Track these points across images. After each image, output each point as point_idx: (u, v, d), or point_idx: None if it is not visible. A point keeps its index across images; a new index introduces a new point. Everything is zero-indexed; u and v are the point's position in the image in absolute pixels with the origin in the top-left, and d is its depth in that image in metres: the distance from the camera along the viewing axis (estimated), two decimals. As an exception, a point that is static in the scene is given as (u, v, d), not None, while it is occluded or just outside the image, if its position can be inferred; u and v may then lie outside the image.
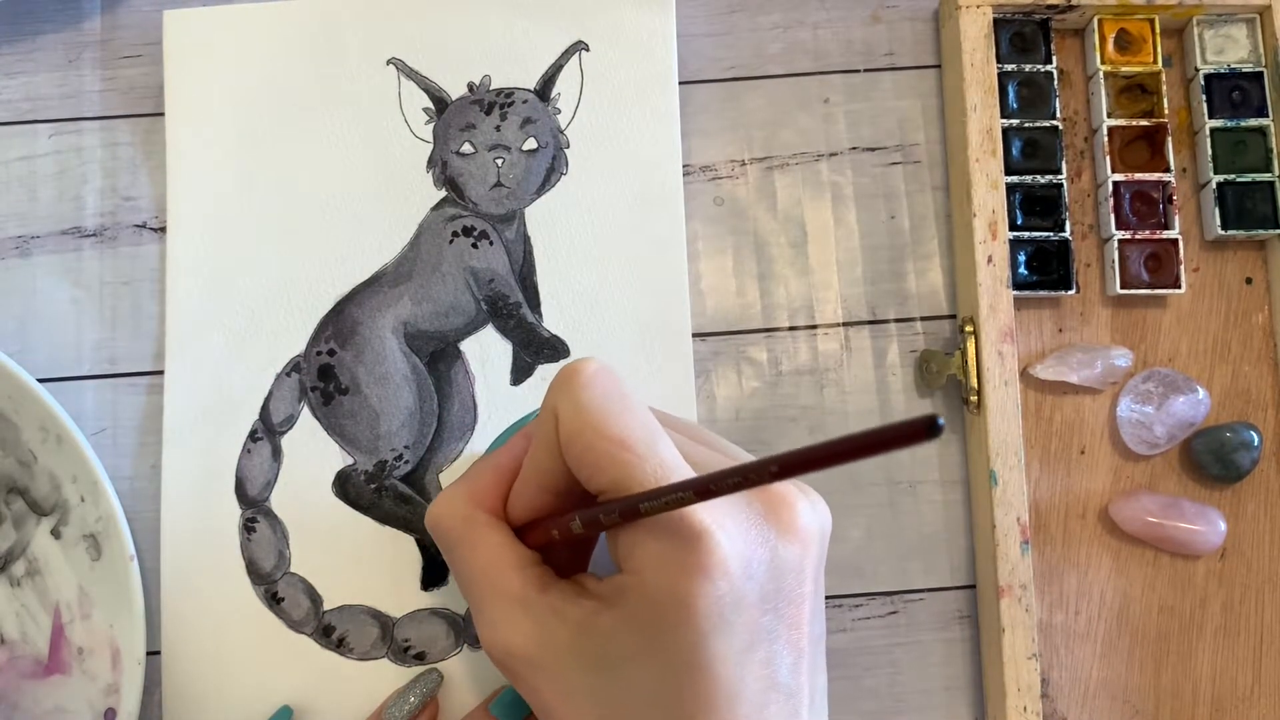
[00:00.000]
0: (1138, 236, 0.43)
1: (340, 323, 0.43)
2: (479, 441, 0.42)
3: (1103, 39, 0.44)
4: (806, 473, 0.27)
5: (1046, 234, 0.43)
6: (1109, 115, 0.44)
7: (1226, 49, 0.45)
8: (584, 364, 0.33)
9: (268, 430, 0.42)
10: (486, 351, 0.43)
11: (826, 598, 0.42)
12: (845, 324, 0.44)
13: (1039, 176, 0.43)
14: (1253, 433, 0.43)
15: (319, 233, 0.43)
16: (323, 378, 0.43)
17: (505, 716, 0.40)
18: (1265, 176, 0.44)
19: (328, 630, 0.41)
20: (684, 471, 0.31)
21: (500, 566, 0.33)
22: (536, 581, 0.33)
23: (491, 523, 0.34)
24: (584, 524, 0.32)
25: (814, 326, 0.44)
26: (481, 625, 0.34)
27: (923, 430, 0.23)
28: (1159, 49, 0.44)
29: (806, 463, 0.27)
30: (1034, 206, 0.43)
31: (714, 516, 0.30)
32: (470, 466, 0.36)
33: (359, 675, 0.41)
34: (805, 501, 0.32)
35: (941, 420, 0.23)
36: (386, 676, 0.41)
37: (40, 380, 0.40)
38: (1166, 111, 0.44)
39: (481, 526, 0.34)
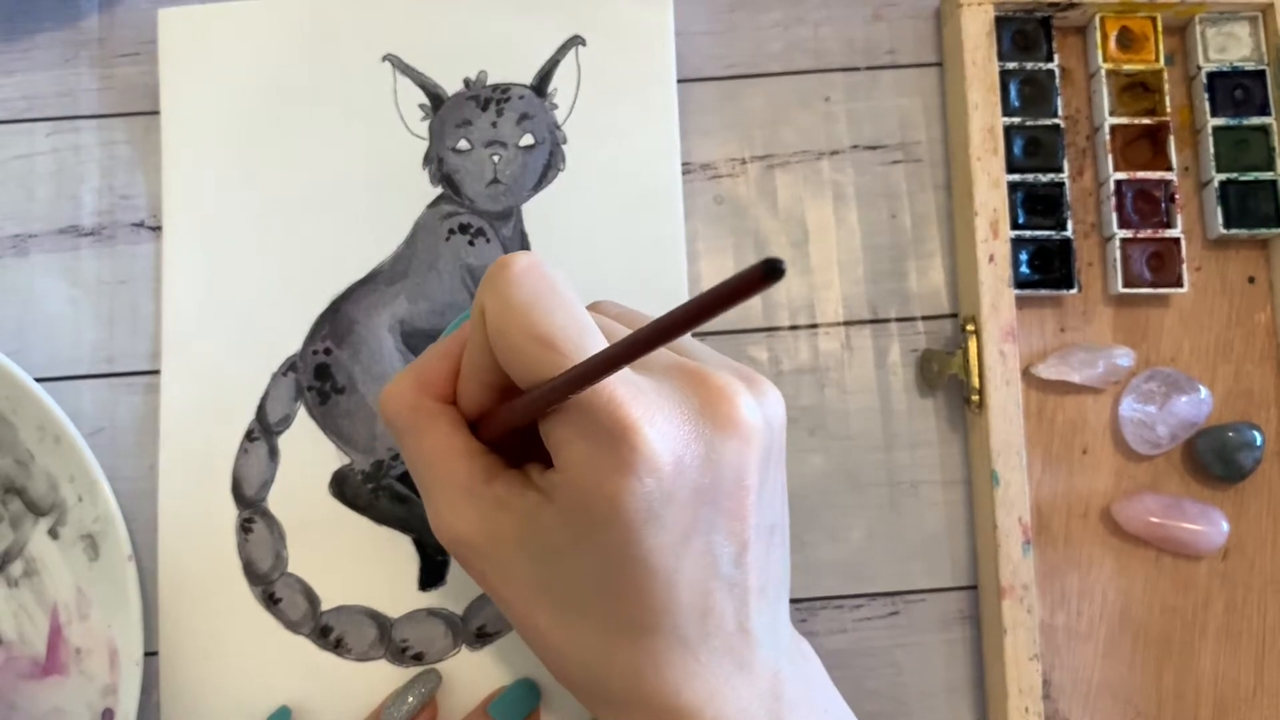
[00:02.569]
0: (1140, 235, 0.43)
1: (336, 321, 0.43)
2: (477, 441, 0.42)
3: (1105, 37, 0.44)
4: (668, 341, 0.26)
5: (1048, 233, 0.43)
6: (1111, 113, 0.44)
7: (1229, 47, 0.45)
8: (514, 259, 0.32)
9: (264, 430, 0.42)
10: (484, 350, 0.43)
11: (826, 597, 0.42)
12: (846, 323, 0.44)
13: (1041, 175, 0.43)
14: (1255, 432, 0.43)
15: (315, 231, 0.43)
16: (319, 377, 0.42)
17: (505, 717, 0.39)
18: (1268, 175, 0.43)
19: (325, 631, 0.41)
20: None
21: (446, 455, 0.33)
22: (483, 471, 0.33)
23: (439, 411, 0.34)
24: (513, 414, 0.32)
25: (815, 326, 0.44)
26: (430, 512, 0.34)
27: (759, 276, 0.22)
28: (1161, 47, 0.44)
29: (664, 332, 0.26)
30: (1036, 205, 0.43)
31: (644, 412, 0.30)
32: (423, 353, 0.36)
33: (357, 676, 0.41)
34: (747, 395, 0.31)
35: (783, 264, 0.22)
36: (385, 677, 0.41)
37: (38, 380, 0.40)
38: (1169, 110, 0.44)
39: (428, 415, 0.34)
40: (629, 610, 0.31)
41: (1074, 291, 0.43)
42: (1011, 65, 0.44)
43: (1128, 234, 0.43)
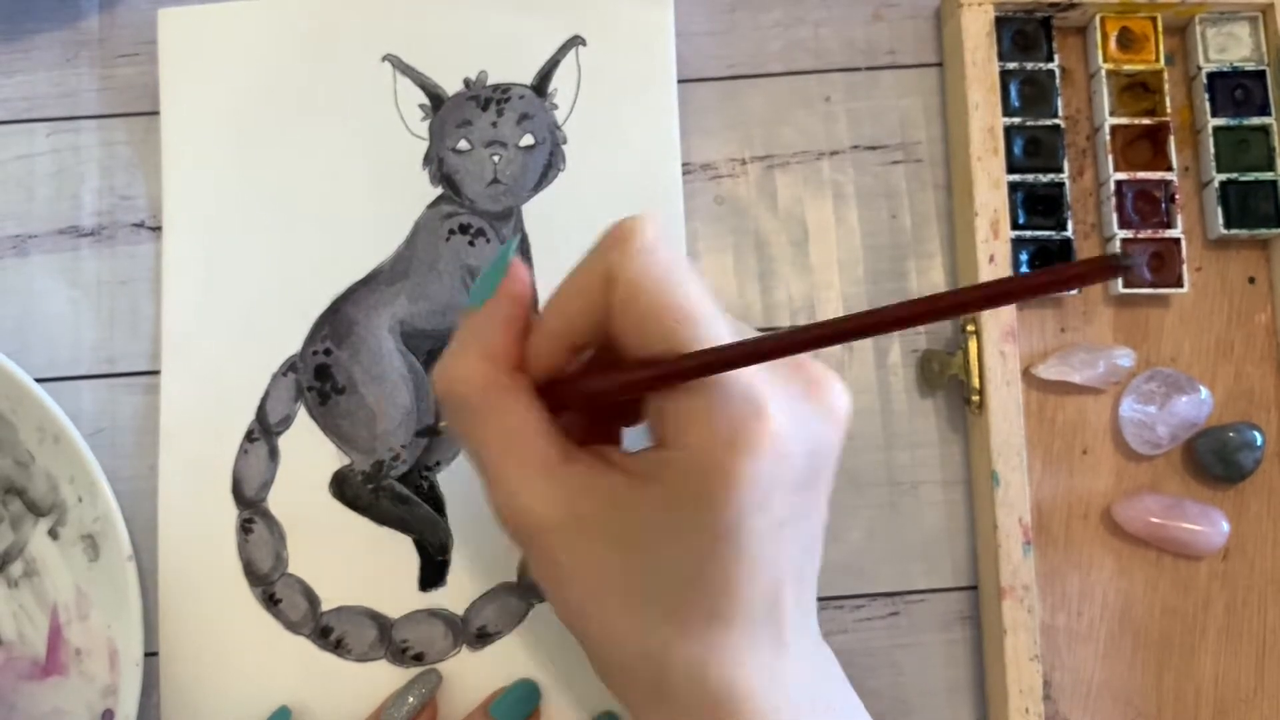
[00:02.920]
0: (1140, 236, 0.43)
1: (336, 322, 0.43)
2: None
3: (1105, 37, 0.44)
4: (930, 321, 0.26)
5: (1048, 233, 0.43)
6: (1111, 114, 0.44)
7: (1229, 47, 0.45)
8: (643, 225, 0.31)
9: (264, 430, 0.42)
10: (484, 351, 0.43)
11: (825, 598, 0.42)
12: (846, 323, 0.44)
13: (1041, 175, 0.43)
14: (1255, 433, 0.43)
15: (315, 231, 0.43)
16: (319, 377, 0.42)
17: (506, 717, 0.39)
18: (1268, 175, 0.43)
19: (325, 631, 0.41)
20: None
21: (526, 433, 0.32)
22: (561, 451, 0.32)
23: (515, 386, 0.32)
24: (628, 382, 0.31)
25: (815, 326, 0.44)
26: (499, 493, 0.32)
27: (1102, 267, 0.22)
28: (1161, 47, 0.44)
29: (939, 310, 0.26)
30: (1036, 205, 0.43)
31: (773, 395, 0.29)
32: (468, 320, 0.33)
33: (357, 676, 0.41)
34: (840, 384, 0.32)
35: (1128, 260, 0.22)
36: (385, 677, 0.41)
37: (38, 380, 0.40)
38: (1169, 110, 0.44)
39: (505, 391, 0.32)
40: (708, 598, 0.30)
41: (1074, 292, 0.43)
42: (1012, 65, 0.44)
43: (1128, 234, 0.43)
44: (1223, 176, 0.43)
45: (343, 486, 0.42)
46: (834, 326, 0.28)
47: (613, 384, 0.31)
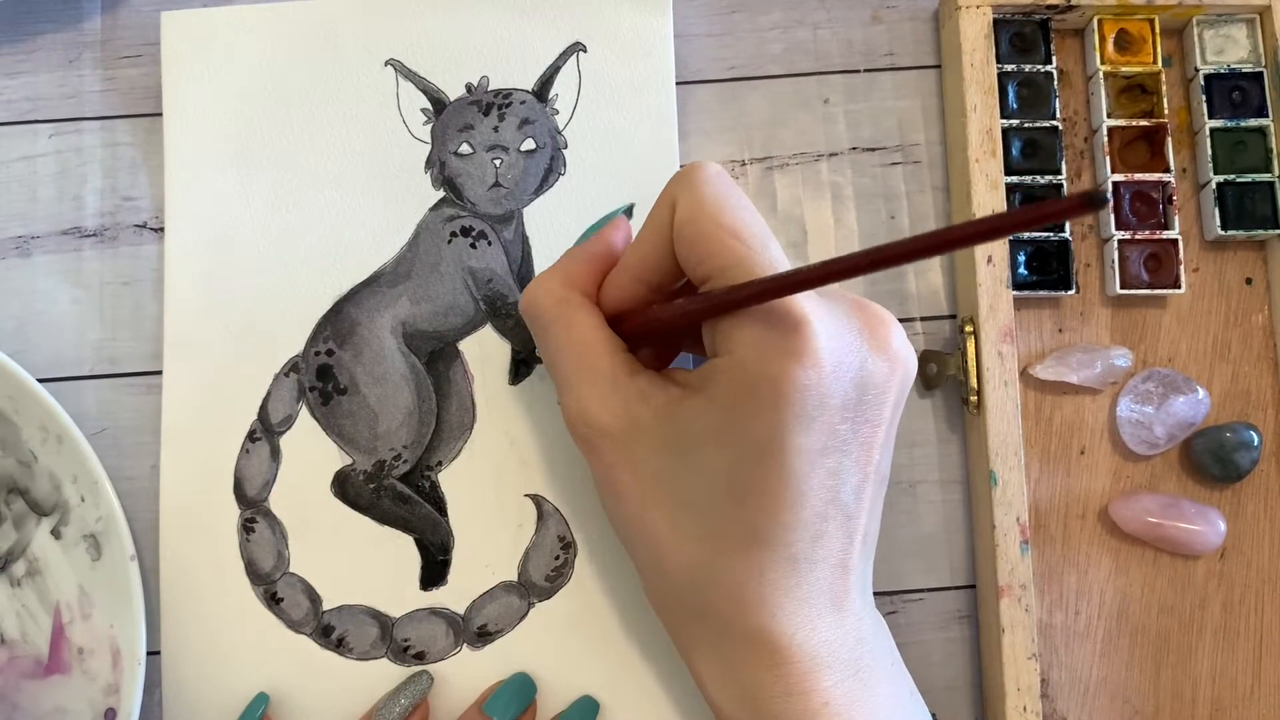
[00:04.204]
0: (1137, 237, 0.43)
1: (339, 323, 0.43)
2: (478, 440, 0.42)
3: (1102, 39, 0.44)
4: (936, 255, 0.28)
5: (1046, 234, 0.43)
6: (1109, 115, 0.44)
7: (1226, 49, 0.45)
8: (705, 163, 0.34)
9: (266, 430, 0.42)
10: (485, 351, 0.43)
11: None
12: (845, 324, 0.44)
13: (1039, 177, 0.43)
14: (1252, 433, 0.43)
15: (317, 233, 0.43)
16: (321, 378, 0.43)
17: (500, 714, 0.40)
18: (1265, 177, 0.44)
19: (327, 630, 0.41)
20: (786, 266, 0.32)
21: (594, 346, 0.35)
22: (626, 365, 0.35)
23: (586, 304, 0.36)
24: (688, 309, 0.34)
25: (814, 326, 0.44)
26: (568, 401, 0.35)
27: (1078, 204, 0.23)
28: (1159, 49, 0.44)
29: (940, 244, 0.28)
30: (1034, 206, 0.43)
31: (815, 311, 0.31)
32: (565, 255, 0.38)
33: (358, 675, 0.41)
34: (900, 328, 0.34)
35: (1105, 195, 0.23)
36: (386, 676, 0.41)
37: (40, 380, 0.40)
38: (1166, 112, 0.44)
39: (577, 307, 0.36)
40: (751, 515, 0.32)
41: (1072, 293, 0.43)
42: (1010, 67, 0.44)
43: (1125, 235, 0.43)
44: (1220, 178, 0.44)
45: (344, 486, 0.42)
46: (871, 255, 0.29)
47: (675, 311, 0.34)
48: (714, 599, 0.33)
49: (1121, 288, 0.43)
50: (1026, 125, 0.44)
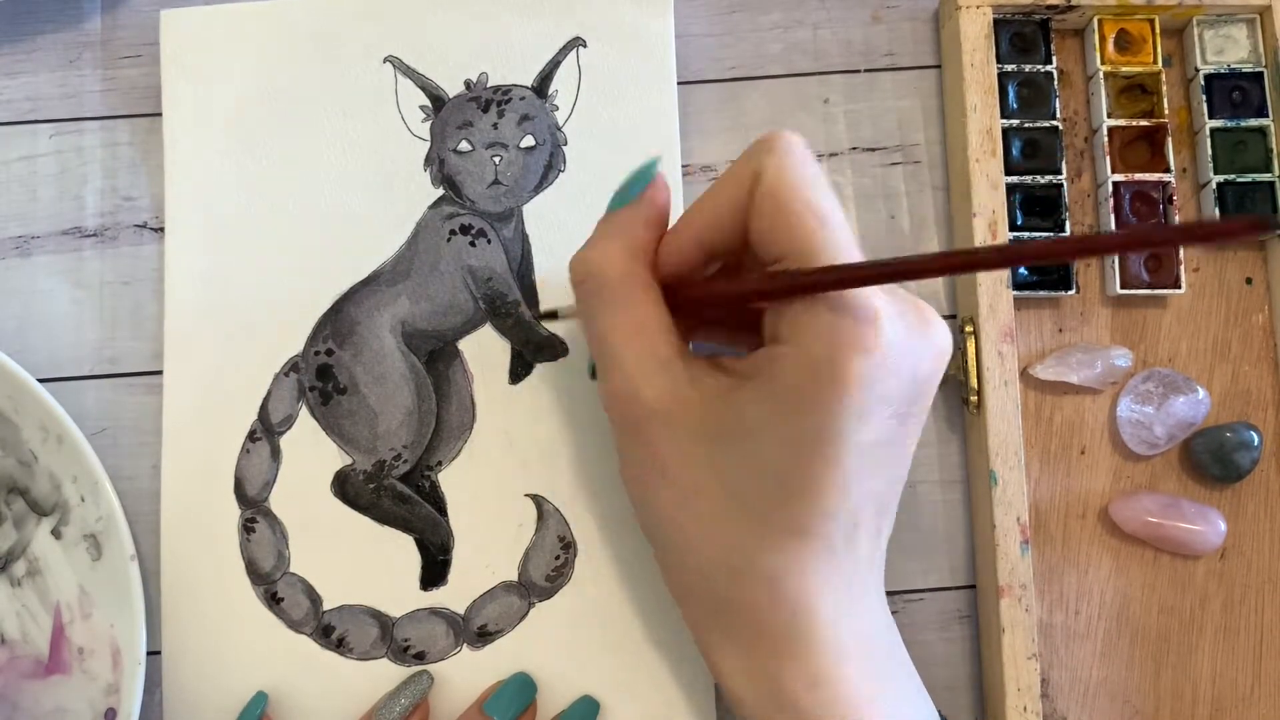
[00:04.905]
0: (1138, 236, 0.43)
1: (338, 322, 0.43)
2: (477, 440, 0.42)
3: (1103, 39, 0.44)
4: (1053, 261, 0.28)
5: (1046, 234, 0.43)
6: (1109, 115, 0.44)
7: (1226, 49, 0.45)
8: (789, 134, 0.33)
9: (266, 430, 0.42)
10: (485, 350, 0.43)
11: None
12: (845, 324, 0.44)
13: (1039, 177, 0.43)
14: (1252, 433, 0.43)
15: (316, 232, 0.43)
16: (321, 377, 0.43)
17: (500, 714, 0.40)
18: (1265, 177, 0.44)
19: (327, 630, 0.41)
20: (859, 257, 0.32)
21: (651, 325, 0.34)
22: (680, 348, 0.34)
23: (650, 282, 0.35)
24: (762, 287, 0.33)
25: (814, 326, 0.44)
26: (616, 378, 0.34)
27: (1250, 225, 0.24)
28: (1159, 49, 0.44)
29: (1074, 250, 0.29)
30: (1034, 207, 0.43)
31: (885, 307, 0.31)
32: (609, 218, 0.36)
33: (359, 675, 0.41)
34: (946, 328, 0.33)
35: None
36: (386, 676, 0.41)
37: (40, 380, 0.40)
38: (1166, 112, 0.44)
39: (641, 285, 0.34)
40: (797, 506, 0.32)
41: (1072, 293, 0.43)
42: (1010, 67, 0.44)
43: (1125, 235, 0.43)
44: (1220, 178, 0.44)
45: (344, 486, 0.42)
46: (968, 256, 0.30)
47: (746, 286, 0.34)
48: (748, 588, 0.33)
49: (1122, 288, 0.43)
50: (1026, 125, 0.44)
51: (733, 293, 0.34)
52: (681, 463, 0.33)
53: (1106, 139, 0.44)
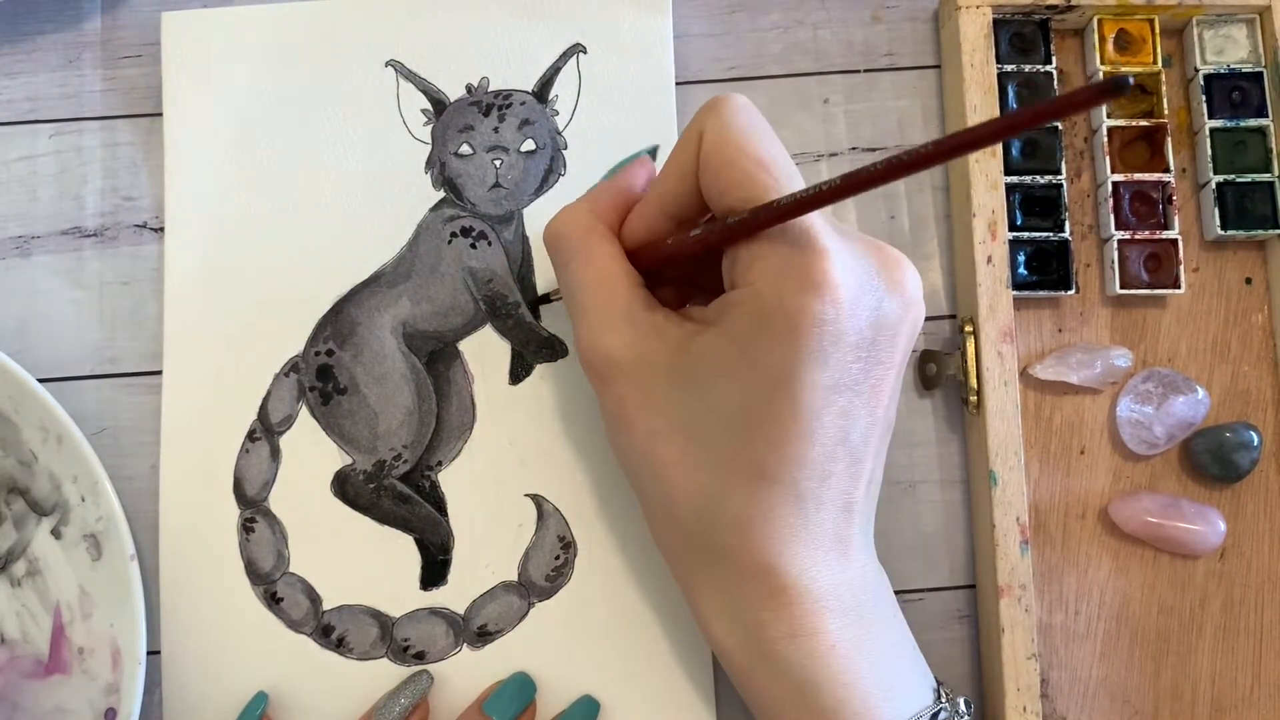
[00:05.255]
0: (1137, 237, 0.43)
1: (339, 323, 0.43)
2: (477, 440, 0.42)
3: (1102, 39, 0.44)
4: (956, 157, 0.28)
5: (1046, 234, 0.43)
6: (1108, 115, 0.44)
7: (1226, 49, 0.45)
8: (732, 94, 0.34)
9: (266, 430, 0.42)
10: (485, 351, 0.43)
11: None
12: (845, 324, 0.44)
13: (1038, 177, 0.43)
14: (1252, 433, 0.43)
15: (317, 233, 0.43)
16: (321, 378, 0.43)
17: (499, 713, 0.40)
18: (1265, 177, 0.44)
19: (327, 630, 0.41)
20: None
21: (614, 278, 0.35)
22: (643, 300, 0.35)
23: (609, 236, 0.36)
24: (705, 237, 0.34)
25: (813, 326, 0.44)
26: (583, 332, 0.35)
27: (1100, 91, 0.23)
28: (1159, 49, 0.44)
29: (959, 147, 0.28)
30: (1033, 207, 0.43)
31: (834, 246, 0.32)
32: (593, 188, 0.38)
33: (359, 675, 0.41)
34: (915, 272, 0.34)
35: (1129, 80, 0.23)
36: (386, 676, 0.41)
37: (40, 380, 0.40)
38: (1166, 112, 0.44)
39: (600, 239, 0.36)
40: (760, 449, 0.32)
41: (1071, 293, 0.43)
42: (1009, 68, 0.44)
43: (1125, 235, 0.43)
44: (1220, 178, 0.44)
45: (344, 486, 0.42)
46: (891, 164, 0.29)
47: (692, 239, 0.34)
48: (720, 534, 0.33)
49: (1121, 288, 0.43)
50: (1026, 125, 0.44)
51: (681, 248, 0.35)
52: (649, 410, 0.34)
53: (1106, 139, 0.44)
